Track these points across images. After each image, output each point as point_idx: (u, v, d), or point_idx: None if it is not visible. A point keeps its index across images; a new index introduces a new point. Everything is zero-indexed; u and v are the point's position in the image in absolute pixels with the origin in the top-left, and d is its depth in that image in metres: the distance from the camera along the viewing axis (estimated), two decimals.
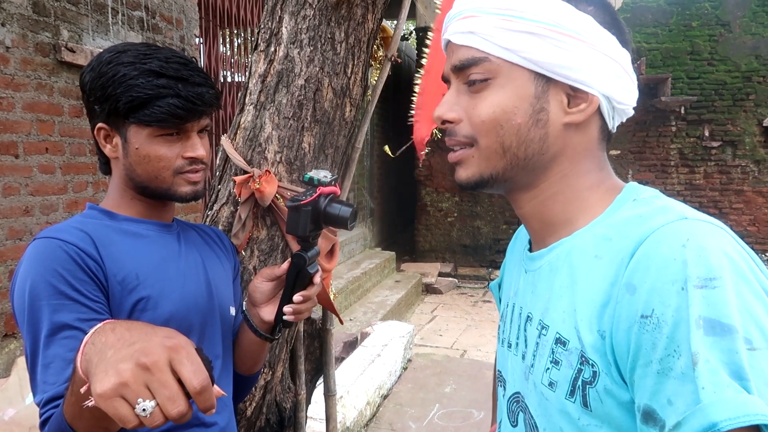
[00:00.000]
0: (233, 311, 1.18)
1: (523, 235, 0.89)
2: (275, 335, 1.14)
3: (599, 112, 0.73)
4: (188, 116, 1.01)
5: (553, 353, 0.69)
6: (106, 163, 1.09)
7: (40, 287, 0.91)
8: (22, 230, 2.72)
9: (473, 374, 4.43)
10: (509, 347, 0.82)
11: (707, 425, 0.53)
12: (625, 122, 0.79)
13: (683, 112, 7.98)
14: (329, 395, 1.78)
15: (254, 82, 1.41)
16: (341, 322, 1.73)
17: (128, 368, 0.58)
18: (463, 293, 7.82)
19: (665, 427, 0.56)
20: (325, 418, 1.79)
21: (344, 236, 6.74)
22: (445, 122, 0.76)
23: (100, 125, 1.03)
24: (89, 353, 0.65)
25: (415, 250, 9.19)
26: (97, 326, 0.68)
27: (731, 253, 0.60)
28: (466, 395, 4.06)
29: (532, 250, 0.82)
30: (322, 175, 1.04)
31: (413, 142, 1.81)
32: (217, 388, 0.61)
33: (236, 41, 5.65)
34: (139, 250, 1.03)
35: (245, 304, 1.15)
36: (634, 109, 0.76)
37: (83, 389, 0.64)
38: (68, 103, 2.98)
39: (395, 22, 1.66)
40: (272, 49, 1.39)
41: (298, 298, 1.06)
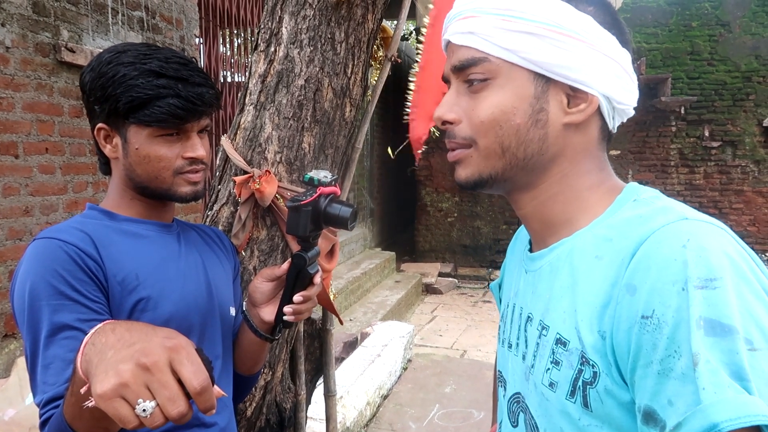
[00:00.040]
0: (233, 311, 1.18)
1: (523, 235, 0.89)
2: (275, 335, 1.14)
3: (599, 112, 0.73)
4: (188, 116, 1.00)
5: (553, 354, 0.69)
6: (106, 163, 1.09)
7: (40, 287, 0.91)
8: (22, 230, 2.72)
9: (473, 374, 4.43)
10: (510, 347, 0.82)
11: (708, 426, 0.53)
12: (625, 122, 0.79)
13: (683, 112, 7.98)
14: (329, 395, 1.78)
15: (254, 82, 1.41)
16: (341, 322, 1.73)
17: (128, 369, 0.58)
18: (463, 293, 7.81)
19: (666, 427, 0.56)
20: (325, 418, 1.79)
21: (344, 236, 6.74)
22: (445, 123, 0.76)
23: (100, 125, 1.03)
24: (89, 354, 0.65)
25: (415, 250, 9.19)
26: (97, 327, 0.68)
27: (732, 253, 0.60)
28: (466, 395, 4.06)
29: (532, 250, 0.82)
30: (322, 175, 1.04)
31: (409, 140, 1.80)
32: (217, 388, 0.61)
33: (236, 41, 5.65)
34: (139, 250, 1.03)
35: (245, 304, 1.15)
36: (634, 109, 0.76)
37: (83, 390, 0.64)
38: (68, 103, 2.98)
39: (395, 22, 1.66)
40: (272, 49, 1.39)
41: (298, 298, 1.06)
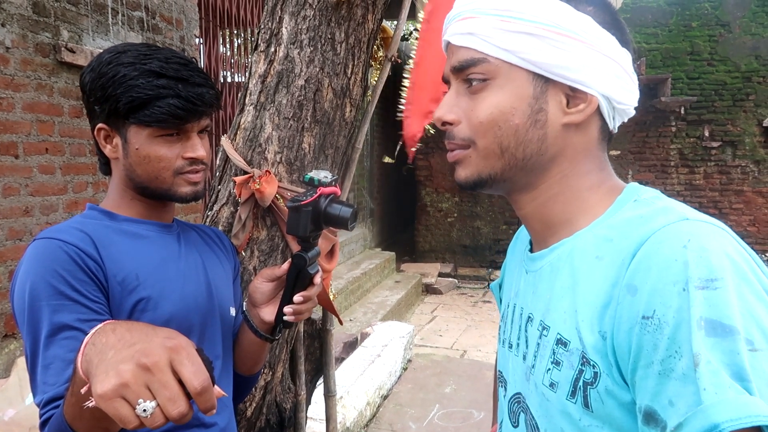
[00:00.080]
0: (233, 312, 1.18)
1: (523, 235, 0.88)
2: (275, 336, 1.14)
3: (599, 112, 0.73)
4: (188, 116, 1.00)
5: (554, 354, 0.69)
6: (106, 163, 1.09)
7: (40, 288, 0.91)
8: (22, 231, 2.72)
9: (473, 375, 4.43)
10: (510, 348, 0.82)
11: (709, 426, 0.53)
12: (625, 122, 0.79)
13: (683, 112, 7.98)
14: (329, 396, 1.78)
15: (254, 82, 1.41)
16: (341, 322, 1.73)
17: (129, 369, 0.58)
18: (463, 293, 7.81)
19: (667, 428, 0.56)
20: (325, 418, 1.79)
21: (344, 236, 6.74)
22: (444, 124, 0.76)
23: (100, 126, 1.03)
24: (90, 354, 0.65)
25: (415, 250, 9.19)
26: (97, 327, 0.68)
27: (732, 254, 0.60)
28: (466, 395, 4.06)
29: (533, 250, 0.82)
30: (322, 175, 1.04)
31: (403, 138, 1.78)
32: (217, 388, 0.61)
33: (236, 41, 5.65)
34: (139, 250, 1.03)
35: (245, 304, 1.15)
36: (635, 109, 0.76)
37: (84, 390, 0.64)
38: (68, 103, 2.98)
39: (395, 22, 1.66)
40: (272, 49, 1.39)
41: (298, 298, 1.06)
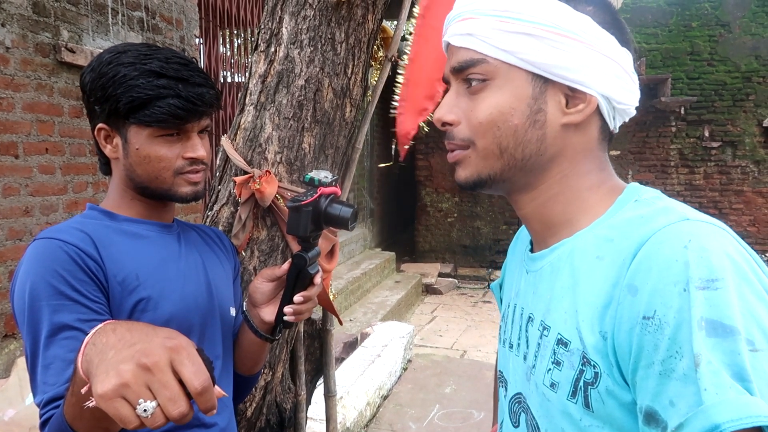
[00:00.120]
0: (233, 312, 1.18)
1: (524, 235, 0.88)
2: (275, 336, 1.14)
3: (599, 112, 0.73)
4: (188, 116, 1.00)
5: (554, 354, 0.69)
6: (106, 163, 1.09)
7: (40, 288, 0.91)
8: (22, 231, 2.72)
9: (473, 375, 4.43)
10: (511, 348, 0.82)
11: (710, 427, 0.52)
12: (625, 122, 0.79)
13: (683, 112, 7.98)
14: (329, 396, 1.78)
15: (254, 82, 1.41)
16: (341, 322, 1.73)
17: (129, 369, 0.58)
18: (463, 294, 7.81)
19: (667, 428, 0.56)
20: (325, 418, 1.79)
21: (344, 237, 6.74)
22: (444, 124, 0.77)
23: (100, 126, 1.03)
24: (90, 354, 0.65)
25: (415, 250, 9.18)
26: (98, 327, 0.68)
27: (733, 254, 0.59)
28: (466, 396, 4.06)
29: (533, 250, 0.82)
30: (322, 175, 1.04)
31: (396, 135, 1.76)
32: (218, 388, 0.61)
33: (236, 42, 5.65)
34: (139, 250, 1.03)
35: (245, 304, 1.15)
36: (635, 109, 0.76)
37: (84, 390, 0.64)
38: (68, 103, 2.98)
39: (395, 22, 1.66)
40: (272, 49, 1.39)
41: (298, 298, 1.06)
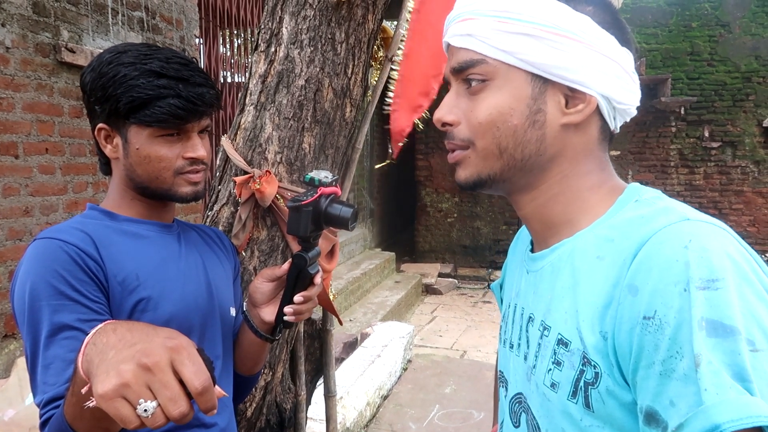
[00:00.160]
0: (233, 312, 1.18)
1: (524, 235, 0.88)
2: (275, 336, 1.14)
3: (599, 112, 0.73)
4: (189, 116, 1.00)
5: (555, 354, 0.69)
6: (106, 163, 1.09)
7: (40, 288, 0.91)
8: (22, 231, 2.72)
9: (473, 375, 4.43)
10: (511, 348, 0.82)
11: (710, 427, 0.52)
12: (625, 122, 0.79)
13: (683, 112, 7.98)
14: (329, 396, 1.78)
15: (254, 82, 1.41)
16: (341, 322, 1.73)
17: (130, 369, 0.58)
18: (462, 294, 7.81)
19: (668, 428, 0.56)
20: (325, 418, 1.79)
21: (344, 237, 6.74)
22: (444, 125, 0.77)
23: (100, 126, 1.03)
24: (90, 354, 0.65)
25: (414, 250, 9.18)
26: (98, 327, 0.68)
27: (734, 254, 0.59)
28: (466, 396, 4.06)
29: (533, 250, 0.82)
30: (322, 175, 1.04)
31: (390, 132, 1.75)
32: (218, 388, 0.61)
33: (236, 42, 5.65)
34: (139, 250, 1.03)
35: (246, 304, 1.15)
36: (636, 109, 0.76)
37: (84, 390, 0.64)
38: (68, 103, 2.98)
39: (395, 22, 1.66)
40: (272, 49, 1.39)
41: (298, 298, 1.06)
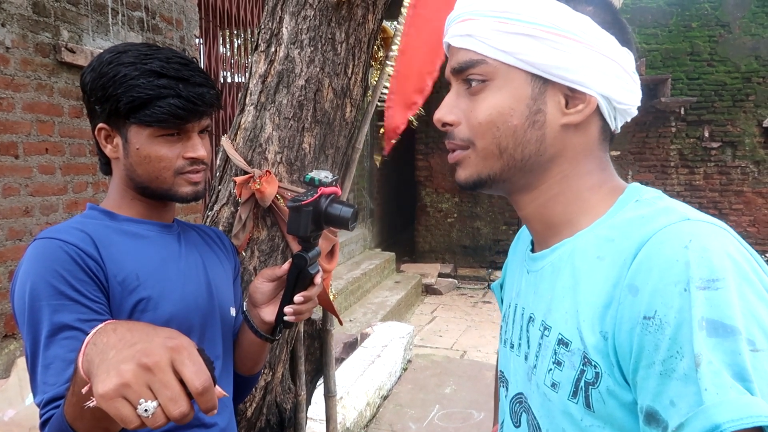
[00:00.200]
0: (233, 312, 1.18)
1: (525, 235, 0.88)
2: (276, 336, 1.14)
3: (599, 112, 0.73)
4: (189, 116, 1.00)
5: (555, 354, 0.69)
6: (106, 163, 1.09)
7: (40, 288, 0.91)
8: (22, 231, 2.72)
9: (473, 375, 4.43)
10: (511, 348, 0.82)
11: (710, 427, 0.52)
12: (625, 122, 0.79)
13: (683, 112, 7.97)
14: (329, 396, 1.78)
15: (255, 82, 1.41)
16: (341, 322, 1.73)
17: (130, 369, 0.58)
18: (462, 294, 7.81)
19: (668, 428, 0.56)
20: (325, 418, 1.79)
21: (344, 237, 6.74)
22: (444, 125, 0.77)
23: (100, 125, 1.03)
24: (91, 354, 0.65)
25: (414, 250, 9.18)
26: (98, 327, 0.68)
27: (734, 254, 0.59)
28: (466, 396, 4.05)
29: (534, 250, 0.82)
30: (323, 175, 1.04)
31: (384, 129, 1.74)
32: (218, 388, 0.61)
33: (236, 42, 5.65)
34: (139, 250, 1.03)
35: (246, 304, 1.15)
36: (636, 109, 0.76)
37: (85, 390, 0.64)
38: (68, 103, 2.98)
39: (395, 22, 1.66)
40: (273, 49, 1.39)
41: (298, 298, 1.06)
